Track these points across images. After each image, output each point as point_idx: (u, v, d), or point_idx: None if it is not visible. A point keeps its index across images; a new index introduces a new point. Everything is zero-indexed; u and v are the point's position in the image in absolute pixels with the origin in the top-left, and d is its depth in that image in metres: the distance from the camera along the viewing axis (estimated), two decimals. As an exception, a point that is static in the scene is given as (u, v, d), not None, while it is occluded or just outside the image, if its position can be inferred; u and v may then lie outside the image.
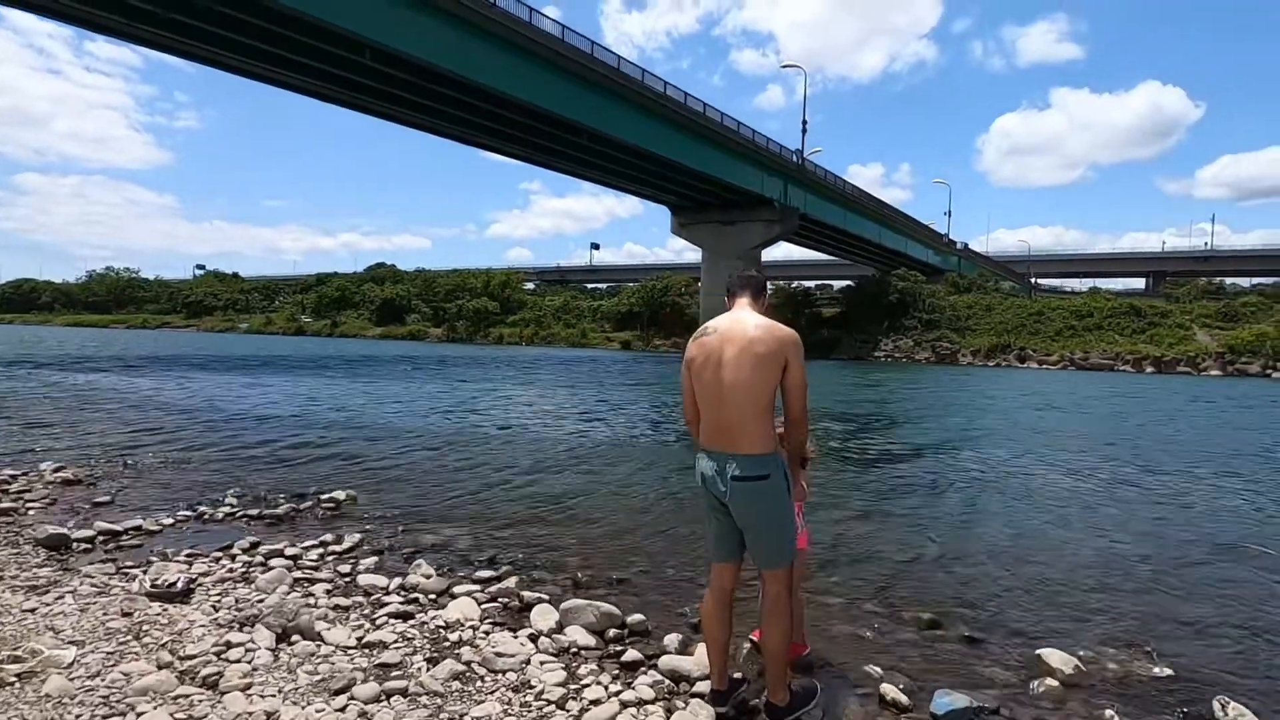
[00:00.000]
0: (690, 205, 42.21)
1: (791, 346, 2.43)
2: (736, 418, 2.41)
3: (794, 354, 2.43)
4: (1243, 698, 2.83)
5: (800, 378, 2.45)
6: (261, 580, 3.67)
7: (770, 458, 2.43)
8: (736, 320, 2.53)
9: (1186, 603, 4.00)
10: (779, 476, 2.45)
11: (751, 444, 2.40)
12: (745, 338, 2.44)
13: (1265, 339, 34.76)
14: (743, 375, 2.40)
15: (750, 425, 2.40)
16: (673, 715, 2.53)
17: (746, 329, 2.47)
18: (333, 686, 2.62)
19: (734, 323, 2.52)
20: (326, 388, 16.12)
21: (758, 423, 2.40)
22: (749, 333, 2.45)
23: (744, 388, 2.40)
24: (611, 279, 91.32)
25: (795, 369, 2.43)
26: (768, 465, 2.42)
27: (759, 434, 2.40)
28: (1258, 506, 6.60)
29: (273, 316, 71.20)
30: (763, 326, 2.47)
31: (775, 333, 2.44)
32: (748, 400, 2.40)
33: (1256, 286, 66.23)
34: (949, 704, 2.67)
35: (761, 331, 2.44)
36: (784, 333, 2.46)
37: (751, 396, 2.39)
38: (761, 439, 2.41)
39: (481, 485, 6.48)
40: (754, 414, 2.40)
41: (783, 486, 2.47)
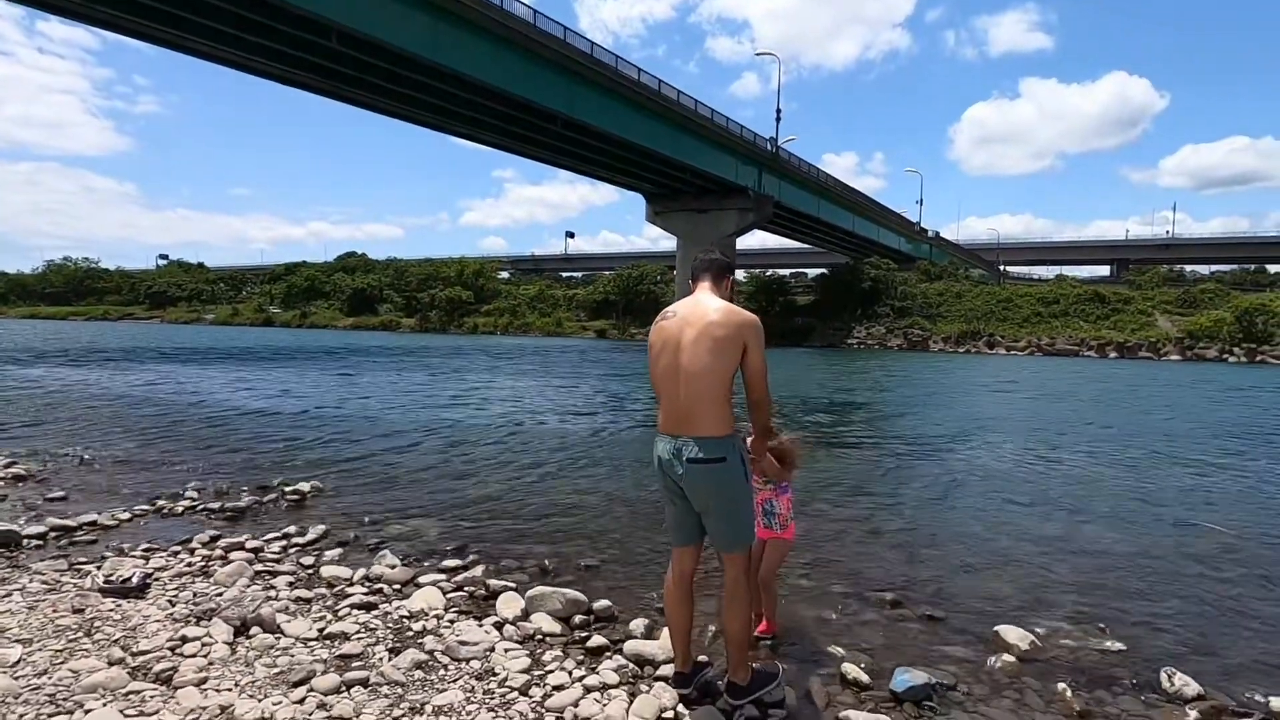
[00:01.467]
0: (665, 193, 42.11)
1: (750, 330, 2.42)
2: (694, 401, 2.40)
3: (753, 338, 2.41)
4: (1188, 669, 2.93)
5: (760, 362, 2.43)
6: (221, 574, 3.60)
7: (727, 441, 2.42)
8: (696, 304, 2.52)
9: (1140, 580, 4.12)
10: (736, 460, 2.44)
11: (708, 427, 2.39)
12: (704, 321, 2.43)
13: (1222, 325, 35.84)
14: (700, 359, 2.39)
15: (707, 409, 2.39)
16: (636, 699, 2.54)
17: (706, 313, 2.45)
18: (291, 679, 2.58)
19: (694, 306, 2.51)
20: (294, 379, 15.82)
21: (715, 406, 2.39)
22: (708, 316, 2.43)
23: (702, 372, 2.39)
24: (587, 267, 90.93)
25: (755, 353, 2.42)
26: (724, 448, 2.41)
27: (716, 417, 2.39)
28: (1210, 487, 6.82)
29: (240, 307, 69.64)
30: (722, 310, 2.45)
31: (734, 317, 2.42)
32: (705, 384, 2.39)
33: (1215, 273, 68.24)
34: (908, 681, 2.72)
35: (720, 315, 2.43)
36: (743, 317, 2.44)
37: (709, 380, 2.38)
38: (718, 422, 2.40)
39: (451, 475, 6.42)
40: (711, 398, 2.38)
41: (740, 470, 2.46)
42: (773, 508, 3.06)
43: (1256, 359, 33.73)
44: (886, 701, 2.66)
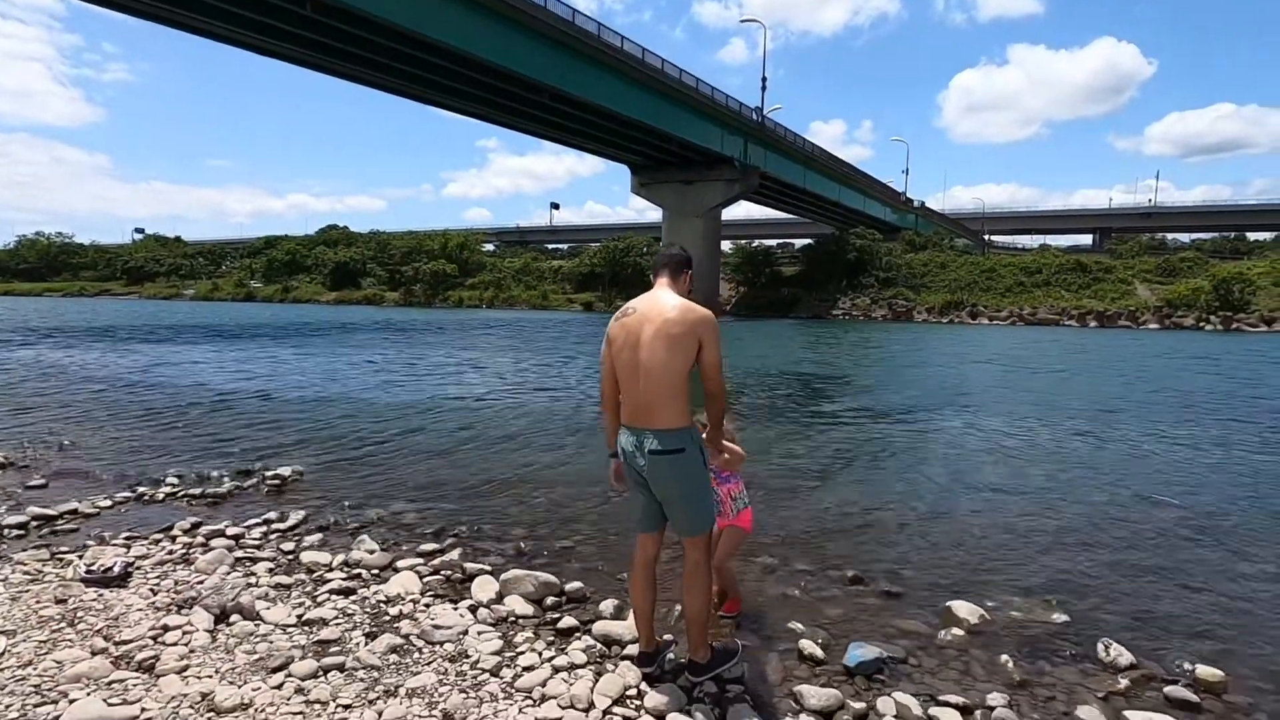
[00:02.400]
0: (650, 164, 41.76)
1: (705, 327, 2.52)
2: (653, 395, 2.51)
3: (708, 334, 2.52)
4: (1125, 639, 3.11)
5: (714, 357, 2.55)
6: (202, 561, 3.68)
7: (685, 432, 2.54)
8: (654, 300, 2.62)
9: (1090, 553, 4.31)
10: (694, 450, 2.56)
11: (667, 419, 2.51)
12: (661, 318, 2.53)
13: (1199, 293, 36.37)
14: (658, 355, 2.49)
15: (665, 402, 2.50)
16: (602, 677, 2.67)
17: (663, 310, 2.55)
18: (270, 665, 2.68)
19: (652, 303, 2.61)
20: (277, 358, 15.77)
21: (672, 400, 2.50)
22: (665, 314, 2.53)
23: (659, 367, 2.49)
24: (572, 239, 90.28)
25: (710, 349, 2.53)
26: (683, 439, 2.53)
27: (674, 410, 2.51)
28: (1167, 459, 7.05)
29: (220, 282, 68.69)
30: (678, 308, 2.55)
31: (689, 315, 2.52)
32: (663, 379, 2.49)
33: (1195, 241, 68.96)
34: (860, 655, 2.87)
35: (676, 313, 2.53)
36: (698, 314, 2.54)
37: (666, 375, 2.49)
38: (676, 414, 2.52)
39: (431, 457, 6.51)
40: (669, 392, 2.50)
41: (698, 459, 2.58)
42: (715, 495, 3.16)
43: (1232, 327, 34.34)
44: (839, 675, 2.81)
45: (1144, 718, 2.52)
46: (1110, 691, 2.76)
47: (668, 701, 2.50)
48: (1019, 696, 2.69)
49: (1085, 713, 2.57)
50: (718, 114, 37.12)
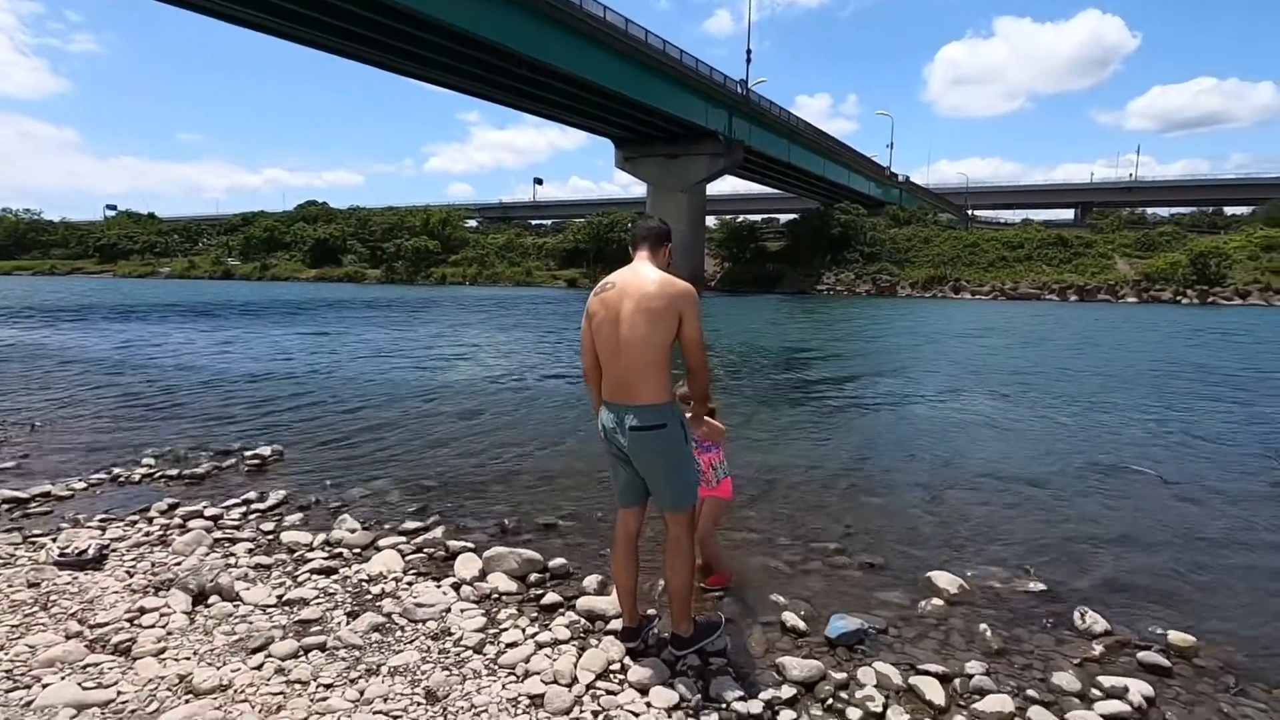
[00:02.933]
0: (634, 138, 41.26)
1: (685, 301, 2.47)
2: (633, 371, 2.48)
3: (688, 308, 2.47)
4: (1100, 606, 3.17)
5: (695, 331, 2.50)
6: (179, 543, 3.63)
7: (666, 407, 2.51)
8: (634, 274, 2.57)
9: (1067, 523, 4.38)
10: (676, 425, 2.53)
11: (648, 395, 2.48)
12: (640, 293, 2.48)
13: (1177, 267, 36.81)
14: (638, 330, 2.45)
15: (646, 378, 2.47)
16: (585, 653, 2.67)
17: (643, 284, 2.50)
18: (250, 645, 2.66)
19: (631, 277, 2.56)
20: (256, 337, 15.53)
21: (653, 375, 2.47)
22: (644, 288, 2.48)
23: (639, 342, 2.46)
24: (556, 215, 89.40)
25: (690, 323, 2.48)
26: (664, 415, 2.50)
27: (655, 386, 2.48)
28: (1143, 429, 7.17)
29: (196, 260, 67.30)
30: (657, 282, 2.49)
31: (669, 288, 2.47)
32: (643, 354, 2.46)
33: (1174, 216, 69.68)
34: (842, 627, 2.90)
35: (656, 287, 2.48)
36: (678, 288, 2.48)
37: (646, 350, 2.46)
38: (657, 390, 2.48)
39: (414, 435, 6.46)
40: (649, 367, 2.46)
41: (679, 435, 2.55)
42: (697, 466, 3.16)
43: (1208, 301, 34.86)
44: (821, 647, 2.84)
45: (1117, 683, 2.57)
46: (1085, 658, 2.81)
47: (651, 675, 2.51)
48: (997, 665, 2.73)
49: (1061, 679, 2.61)
50: (702, 87, 36.65)
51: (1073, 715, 2.40)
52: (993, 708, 2.42)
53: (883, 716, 2.38)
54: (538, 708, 2.35)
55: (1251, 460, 5.94)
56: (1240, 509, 4.70)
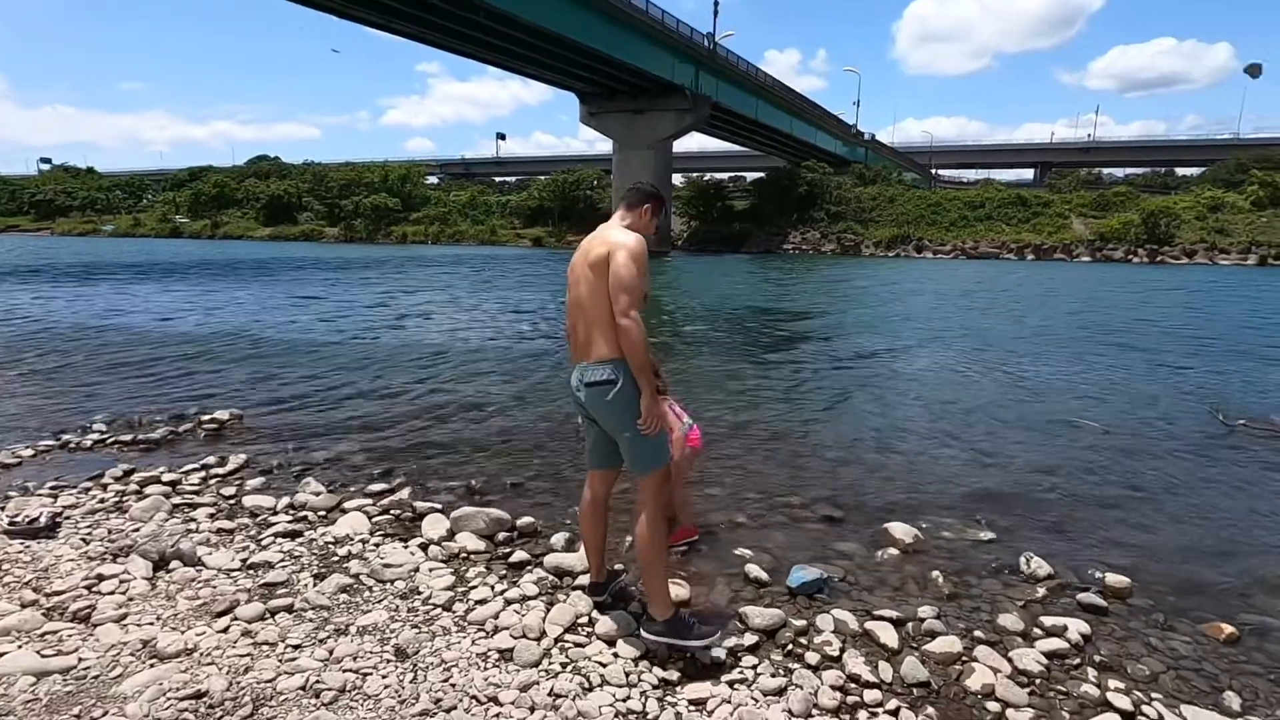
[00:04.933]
0: (600, 93, 40.25)
1: (618, 244, 2.39)
2: (588, 328, 2.47)
3: (621, 249, 2.36)
4: (1045, 552, 3.34)
5: (620, 271, 2.33)
6: (136, 509, 3.56)
7: (614, 363, 2.43)
8: (595, 233, 2.54)
9: (1017, 475, 4.57)
10: (627, 383, 2.42)
11: (599, 351, 2.45)
12: (588, 251, 2.47)
13: (1130, 226, 37.82)
14: (584, 287, 2.46)
15: (594, 334, 2.45)
16: (553, 608, 2.73)
17: (595, 242, 2.47)
18: (215, 609, 2.65)
19: (592, 236, 2.54)
20: (208, 297, 15.00)
21: (600, 331, 2.43)
22: (593, 246, 2.46)
23: (586, 299, 2.46)
24: (520, 171, 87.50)
25: (618, 262, 2.34)
26: (610, 371, 2.43)
27: (602, 342, 2.44)
28: (1085, 383, 7.46)
29: (142, 217, 64.20)
30: (604, 239, 2.45)
31: (610, 240, 2.43)
32: (588, 310, 2.45)
33: (1129, 176, 71.29)
34: (802, 577, 3.00)
35: (600, 243, 2.44)
36: (617, 238, 2.42)
37: (590, 307, 2.44)
38: (606, 347, 2.44)
39: (378, 397, 6.38)
40: (596, 324, 2.44)
41: (630, 392, 2.43)
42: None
43: (1157, 259, 36.01)
44: (782, 596, 2.94)
45: (1057, 622, 2.73)
46: (1029, 600, 2.97)
47: (618, 627, 2.58)
48: (947, 608, 2.87)
49: (1006, 620, 2.76)
50: (668, 39, 35.78)
51: (1016, 653, 2.54)
52: (942, 648, 2.55)
53: (839, 659, 2.49)
54: (507, 661, 2.40)
55: (1190, 414, 6.24)
56: (1177, 459, 4.96)
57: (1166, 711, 2.27)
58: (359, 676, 2.27)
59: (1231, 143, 70.60)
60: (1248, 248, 35.40)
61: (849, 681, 2.37)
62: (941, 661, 2.50)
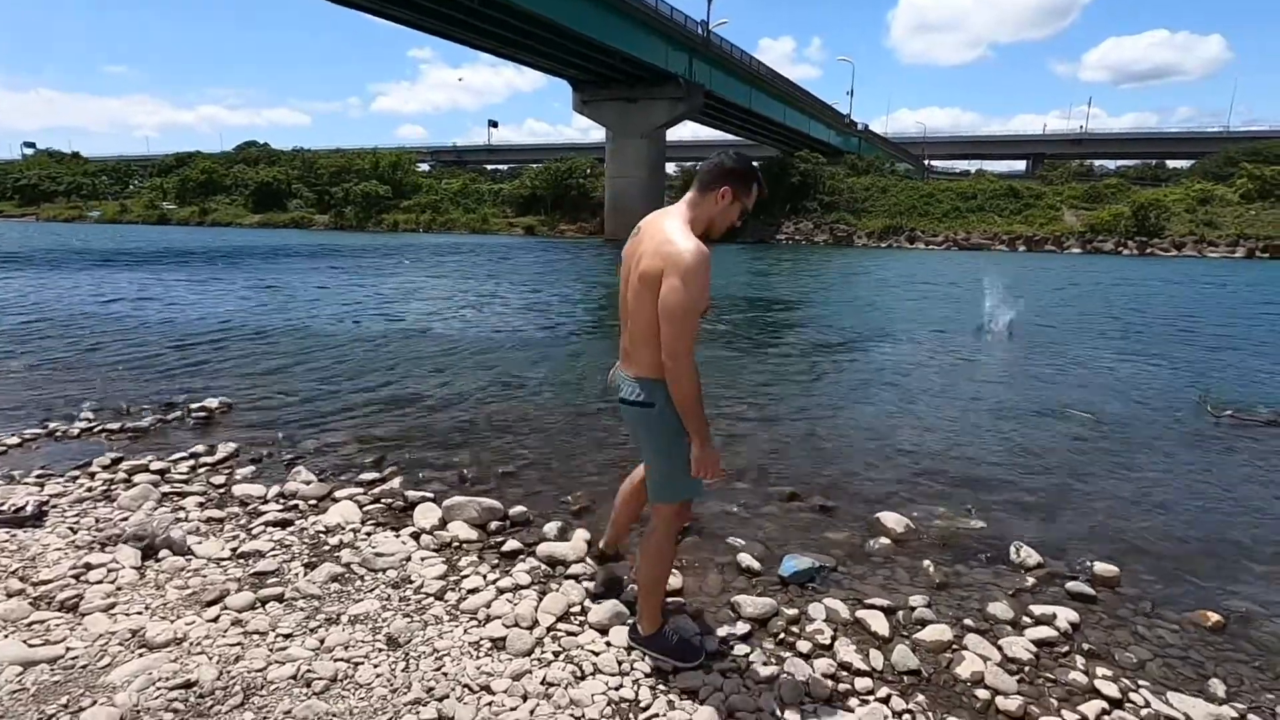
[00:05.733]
0: (593, 80, 39.98)
1: (671, 261, 1.99)
2: (629, 333, 2.21)
3: (673, 270, 1.98)
4: (1034, 541, 3.36)
5: (670, 298, 1.98)
6: (124, 498, 3.53)
7: (652, 384, 2.14)
8: (652, 223, 2.16)
9: (1008, 464, 4.60)
10: (666, 407, 2.12)
11: (639, 366, 2.17)
12: (638, 253, 2.12)
13: (1120, 218, 37.98)
14: (630, 292, 2.16)
15: (639, 346, 2.15)
16: (546, 596, 2.72)
17: (648, 239, 2.11)
18: (204, 598, 2.63)
19: (649, 225, 2.16)
20: (197, 284, 14.85)
21: (645, 345, 2.12)
22: (644, 248, 2.09)
23: (632, 306, 2.15)
24: (512, 159, 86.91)
25: (666, 288, 1.99)
26: (653, 393, 2.14)
27: (650, 358, 2.12)
28: (1076, 374, 7.50)
29: (129, 203, 63.34)
30: (659, 238, 2.06)
31: (664, 247, 2.02)
32: (634, 320, 2.15)
33: (1120, 168, 71.57)
34: (794, 566, 3.02)
35: (654, 244, 2.06)
36: (672, 247, 2.01)
37: (637, 317, 2.13)
38: (646, 365, 2.14)
39: (369, 386, 6.34)
40: (641, 336, 2.13)
41: (671, 419, 2.13)
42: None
43: (1146, 252, 36.20)
44: (774, 585, 2.95)
45: (1047, 610, 2.76)
46: (1018, 589, 3.00)
47: (611, 616, 2.58)
48: (938, 597, 2.89)
49: (996, 609, 2.78)
50: (662, 27, 35.53)
51: (1006, 641, 2.56)
52: (933, 636, 2.57)
53: (830, 648, 2.50)
54: (499, 650, 2.40)
55: (1179, 404, 6.29)
56: (1165, 450, 5.00)
57: (1153, 698, 2.29)
58: (350, 665, 2.26)
59: (1221, 135, 70.90)
60: (1236, 240, 35.64)
61: (840, 669, 2.38)
62: (932, 650, 2.52)
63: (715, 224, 2.16)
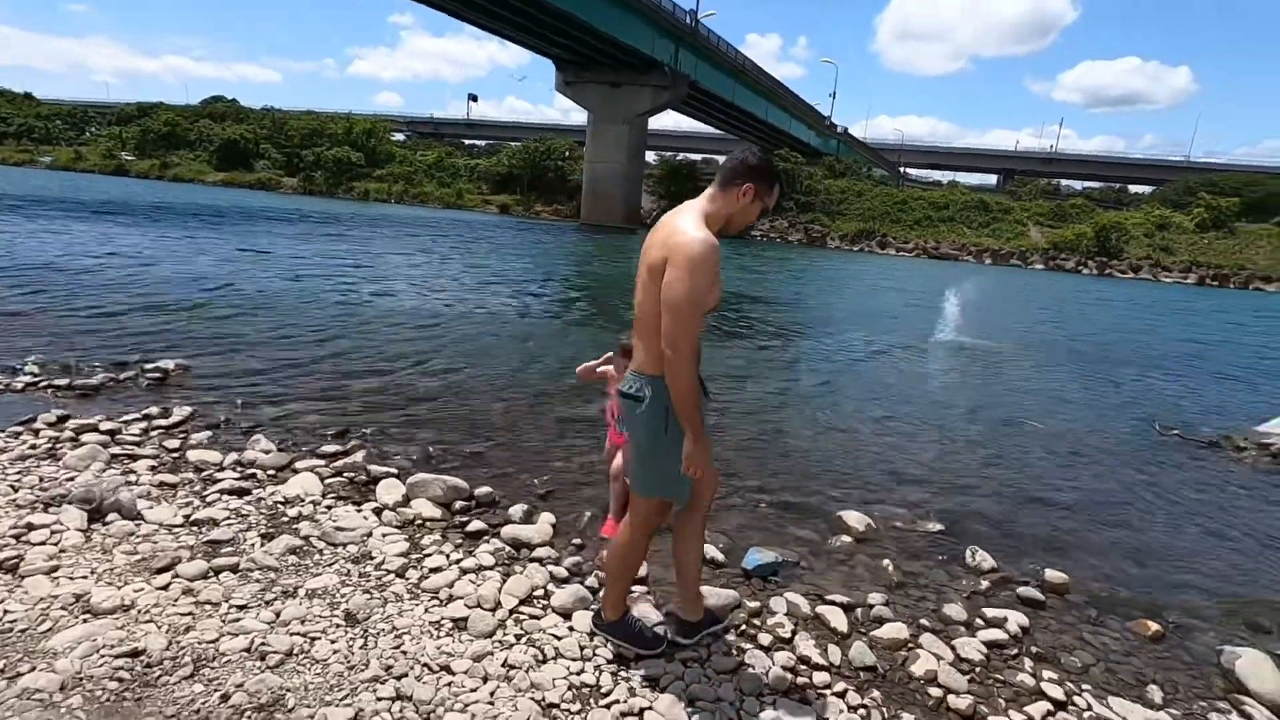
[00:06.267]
0: (578, 62, 39.48)
1: (677, 251, 1.95)
2: (638, 332, 2.15)
3: (677, 259, 1.94)
4: (989, 546, 3.45)
5: (672, 287, 1.94)
6: (71, 457, 3.39)
7: (652, 380, 2.09)
8: (669, 216, 2.11)
9: (966, 471, 4.71)
10: (657, 405, 2.07)
11: (639, 360, 2.15)
12: (649, 246, 2.08)
13: (1083, 238, 39.14)
14: (639, 285, 2.11)
15: (643, 338, 2.12)
16: (509, 579, 2.70)
17: (659, 233, 2.08)
18: (154, 565, 2.54)
19: (665, 219, 2.11)
20: (155, 240, 14.29)
21: (649, 337, 2.08)
22: (655, 240, 2.07)
23: (639, 299, 2.11)
24: (491, 136, 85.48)
25: (669, 277, 1.95)
26: (644, 388, 2.11)
27: (647, 353, 2.11)
28: (1033, 387, 7.72)
29: (84, 150, 60.58)
30: (669, 229, 2.03)
31: (672, 237, 1.99)
32: (640, 314, 2.11)
33: (1086, 189, 73.64)
34: (758, 559, 3.05)
35: (663, 234, 2.04)
36: (680, 237, 1.97)
37: (642, 308, 2.09)
38: (647, 358, 2.11)
39: (334, 356, 6.20)
40: (644, 328, 2.09)
41: (657, 417, 2.09)
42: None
43: (1105, 272, 37.39)
44: (737, 577, 2.98)
45: (999, 614, 2.84)
46: (973, 592, 3.08)
47: (574, 600, 2.57)
48: (895, 596, 2.95)
49: (951, 610, 2.85)
50: (651, 13, 35.20)
51: (959, 642, 2.63)
52: (889, 634, 2.62)
53: (790, 641, 2.54)
54: (461, 630, 2.37)
55: (1130, 422, 6.51)
56: (1115, 464, 5.18)
57: (1095, 702, 2.38)
58: (307, 640, 2.22)
59: (1182, 165, 73.37)
60: (1189, 267, 37.06)
61: (799, 663, 2.42)
62: (889, 647, 2.57)
63: (734, 221, 2.12)
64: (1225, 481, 4.97)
